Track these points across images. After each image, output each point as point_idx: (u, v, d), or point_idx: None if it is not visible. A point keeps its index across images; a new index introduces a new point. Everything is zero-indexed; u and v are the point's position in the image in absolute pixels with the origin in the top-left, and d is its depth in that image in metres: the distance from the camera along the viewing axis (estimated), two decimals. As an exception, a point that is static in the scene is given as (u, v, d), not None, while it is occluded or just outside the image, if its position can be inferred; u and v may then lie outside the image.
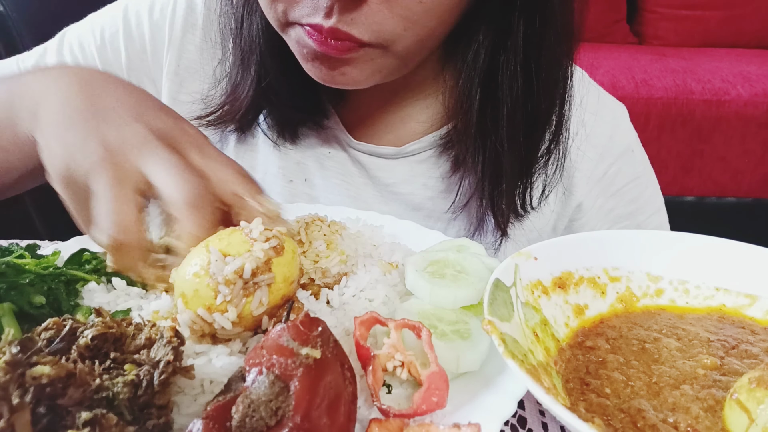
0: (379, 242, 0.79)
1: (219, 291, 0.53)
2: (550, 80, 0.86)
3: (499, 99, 0.85)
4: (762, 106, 2.52)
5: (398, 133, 0.99)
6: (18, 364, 0.42)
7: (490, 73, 0.84)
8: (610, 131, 1.00)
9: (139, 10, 1.03)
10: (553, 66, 0.86)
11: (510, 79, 0.84)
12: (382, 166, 0.99)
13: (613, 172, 1.00)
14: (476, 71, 0.85)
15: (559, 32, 0.83)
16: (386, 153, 0.99)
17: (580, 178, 0.98)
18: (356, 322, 0.55)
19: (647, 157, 1.06)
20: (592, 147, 0.98)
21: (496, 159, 0.88)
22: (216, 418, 0.42)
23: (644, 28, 3.32)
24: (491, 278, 0.56)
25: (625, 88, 2.51)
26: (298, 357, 0.44)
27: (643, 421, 0.48)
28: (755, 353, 0.56)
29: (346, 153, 1.01)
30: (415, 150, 0.98)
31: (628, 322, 0.62)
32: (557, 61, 0.86)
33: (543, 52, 0.83)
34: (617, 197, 1.01)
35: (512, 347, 0.49)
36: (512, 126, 0.86)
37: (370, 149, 0.99)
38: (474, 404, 0.52)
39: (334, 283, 0.67)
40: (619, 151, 1.00)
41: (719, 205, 2.70)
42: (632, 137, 1.04)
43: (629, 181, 1.01)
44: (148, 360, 0.48)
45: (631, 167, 1.02)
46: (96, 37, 1.02)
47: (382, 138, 1.00)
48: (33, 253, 0.67)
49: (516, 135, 0.87)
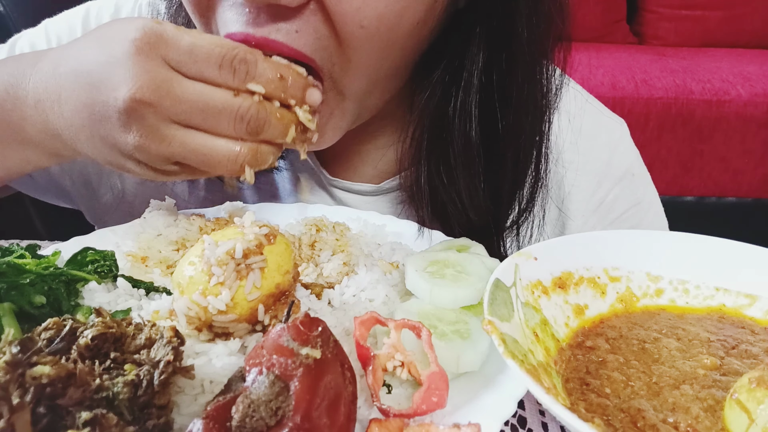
0: (381, 241, 0.79)
1: (212, 273, 0.54)
2: (520, 119, 0.80)
3: (452, 142, 0.79)
4: (762, 106, 2.52)
5: (376, 167, 0.95)
6: (18, 364, 0.42)
7: (443, 114, 0.79)
8: (607, 155, 0.95)
9: (101, 21, 0.96)
10: (522, 106, 0.80)
11: (462, 123, 0.78)
12: (361, 203, 0.95)
13: (612, 199, 0.95)
14: (427, 113, 0.81)
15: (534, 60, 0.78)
16: (364, 190, 0.95)
17: (575, 211, 0.94)
18: (356, 322, 0.55)
19: (650, 177, 1.00)
20: (587, 174, 0.93)
21: (455, 203, 0.83)
22: (216, 418, 0.42)
23: (644, 28, 3.32)
24: (491, 278, 0.56)
25: (625, 88, 2.51)
26: (298, 357, 0.44)
27: (643, 421, 0.48)
28: (755, 353, 0.56)
29: (324, 189, 0.97)
30: (393, 187, 0.94)
31: (628, 322, 0.62)
32: (529, 99, 0.80)
33: (514, 89, 0.78)
34: (617, 225, 0.96)
35: (512, 347, 0.49)
36: (467, 171, 0.80)
37: (347, 186, 0.95)
38: (474, 404, 0.52)
39: (336, 282, 0.67)
40: (618, 176, 0.96)
41: (719, 205, 2.70)
42: (632, 158, 0.99)
43: (629, 207, 0.97)
44: (148, 360, 0.48)
45: (631, 192, 0.97)
46: (51, 45, 0.96)
47: (361, 173, 0.95)
48: (33, 253, 0.67)
49: (474, 181, 0.81)
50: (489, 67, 0.77)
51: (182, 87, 0.60)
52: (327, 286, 0.66)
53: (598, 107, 1.00)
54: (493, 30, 0.75)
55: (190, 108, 0.61)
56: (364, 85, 0.73)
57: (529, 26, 0.74)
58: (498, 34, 0.75)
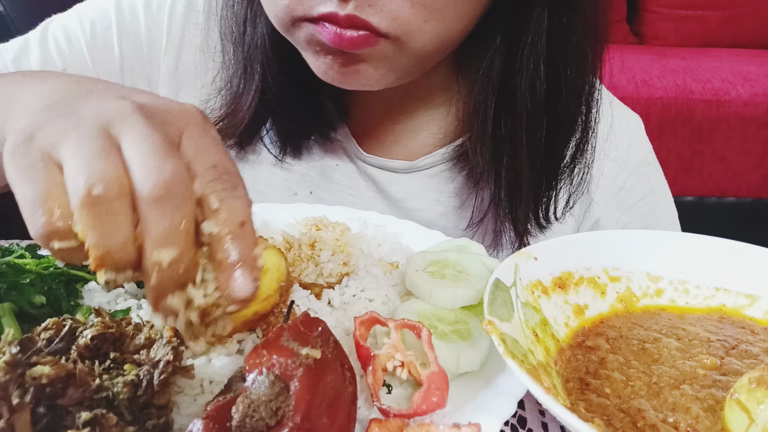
0: (381, 241, 0.79)
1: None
2: (576, 82, 0.81)
3: (516, 107, 0.80)
4: (762, 106, 2.52)
5: (409, 146, 0.95)
6: (18, 364, 0.42)
7: (507, 79, 0.80)
8: (626, 144, 0.97)
9: (134, 4, 0.95)
10: (580, 66, 0.81)
11: (530, 84, 0.79)
12: (393, 180, 0.95)
13: (630, 186, 0.97)
14: (491, 79, 0.81)
15: (588, 27, 0.79)
16: (397, 167, 0.94)
17: (598, 193, 0.95)
18: (356, 322, 0.55)
19: (661, 169, 1.03)
20: (609, 160, 0.95)
21: (515, 172, 0.84)
22: (216, 418, 0.42)
23: (644, 28, 3.31)
24: (491, 278, 0.56)
25: (625, 88, 2.50)
26: (298, 357, 0.44)
27: (643, 421, 0.48)
28: (755, 353, 0.56)
29: (355, 165, 0.96)
30: (427, 164, 0.94)
31: (628, 322, 0.62)
32: (584, 61, 0.81)
33: (570, 50, 0.79)
34: (633, 211, 0.98)
35: (512, 347, 0.49)
36: (533, 135, 0.82)
37: (381, 162, 0.94)
38: (474, 404, 0.52)
39: (336, 282, 0.67)
40: (635, 164, 0.97)
41: (719, 205, 2.70)
42: (647, 149, 1.01)
43: (645, 195, 0.99)
44: (148, 360, 0.48)
45: (646, 180, 0.99)
46: (86, 32, 0.92)
47: (393, 151, 0.95)
48: (33, 253, 0.67)
49: (537, 145, 0.82)
50: (552, 30, 0.77)
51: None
52: (327, 286, 0.66)
53: (615, 100, 1.02)
54: None
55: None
56: (431, 45, 0.73)
57: None
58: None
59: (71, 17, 0.95)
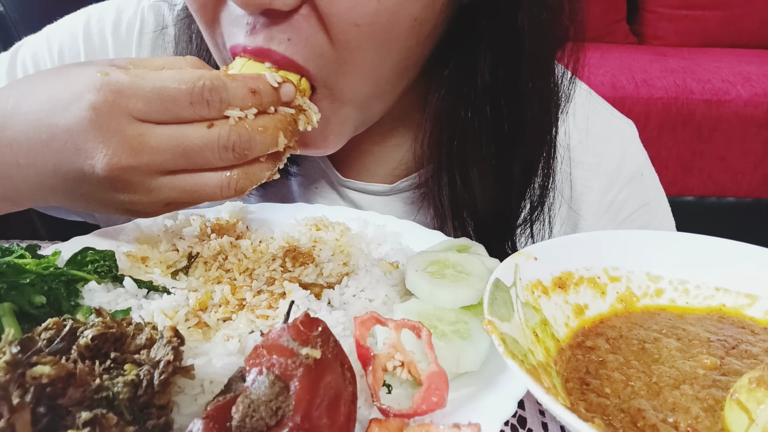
0: (381, 241, 0.79)
1: None
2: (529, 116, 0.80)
3: (467, 148, 0.80)
4: (762, 106, 2.52)
5: (389, 167, 0.94)
6: (18, 364, 0.42)
7: (457, 117, 0.79)
8: (619, 156, 0.96)
9: (103, 28, 0.94)
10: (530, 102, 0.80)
11: (479, 117, 0.78)
12: (374, 203, 0.94)
13: (622, 199, 0.96)
14: (442, 115, 0.80)
15: (538, 68, 0.78)
16: (377, 190, 0.94)
17: (587, 211, 0.94)
18: (356, 322, 0.55)
19: (657, 178, 1.01)
20: (600, 175, 0.94)
21: (473, 210, 0.83)
22: (216, 418, 0.42)
23: (644, 28, 3.32)
24: (491, 278, 0.56)
25: (625, 88, 2.51)
26: (298, 357, 0.44)
27: (643, 421, 0.48)
28: (755, 353, 0.56)
29: (335, 190, 0.95)
30: (407, 186, 0.93)
31: (628, 322, 0.62)
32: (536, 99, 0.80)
33: (519, 90, 0.78)
34: (626, 224, 0.97)
35: (512, 347, 0.49)
36: (483, 176, 0.81)
37: (360, 186, 0.94)
38: (474, 404, 0.52)
39: (336, 282, 0.67)
40: (628, 177, 0.96)
41: (719, 205, 2.70)
42: (642, 159, 0.99)
43: (639, 207, 0.97)
44: (148, 360, 0.48)
45: (640, 192, 0.98)
46: (54, 58, 0.93)
47: (373, 173, 0.94)
48: (33, 253, 0.67)
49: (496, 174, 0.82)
50: (498, 63, 0.76)
51: (156, 137, 0.58)
52: (327, 286, 0.66)
53: (609, 109, 1.01)
54: (498, 25, 0.74)
55: (171, 156, 0.59)
56: (365, 89, 0.72)
57: (532, 20, 0.73)
58: (503, 30, 0.74)
59: (40, 42, 0.95)
